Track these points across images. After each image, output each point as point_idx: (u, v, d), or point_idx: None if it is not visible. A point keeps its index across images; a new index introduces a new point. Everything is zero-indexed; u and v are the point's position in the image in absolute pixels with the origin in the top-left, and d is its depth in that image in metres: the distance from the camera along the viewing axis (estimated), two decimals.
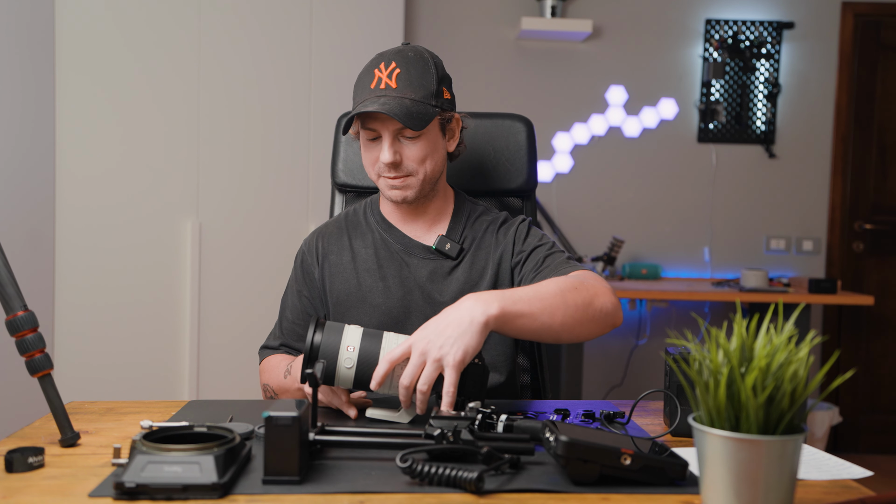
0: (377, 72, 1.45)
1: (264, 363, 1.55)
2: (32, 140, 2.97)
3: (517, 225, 1.55)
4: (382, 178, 1.48)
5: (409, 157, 1.45)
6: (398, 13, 3.25)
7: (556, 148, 3.89)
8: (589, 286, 1.32)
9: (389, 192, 1.49)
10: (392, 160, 1.43)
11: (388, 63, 1.44)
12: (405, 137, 1.44)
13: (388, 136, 1.43)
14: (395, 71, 1.43)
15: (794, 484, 0.83)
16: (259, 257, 3.17)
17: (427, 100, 1.43)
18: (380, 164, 1.45)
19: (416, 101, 1.42)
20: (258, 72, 3.16)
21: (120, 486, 0.89)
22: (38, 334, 1.10)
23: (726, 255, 3.96)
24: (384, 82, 1.43)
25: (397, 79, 1.43)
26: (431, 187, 1.51)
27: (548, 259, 1.47)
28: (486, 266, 1.53)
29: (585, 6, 3.86)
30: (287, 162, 3.19)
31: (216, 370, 3.14)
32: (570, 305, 1.27)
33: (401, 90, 1.42)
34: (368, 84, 1.44)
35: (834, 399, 3.96)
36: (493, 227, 1.56)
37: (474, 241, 1.55)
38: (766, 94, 3.93)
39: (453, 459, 1.02)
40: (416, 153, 1.45)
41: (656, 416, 1.34)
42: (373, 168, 1.48)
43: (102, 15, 3.06)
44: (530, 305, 1.24)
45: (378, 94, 1.42)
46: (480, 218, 1.58)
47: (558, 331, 1.28)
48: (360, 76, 1.49)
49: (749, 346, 0.84)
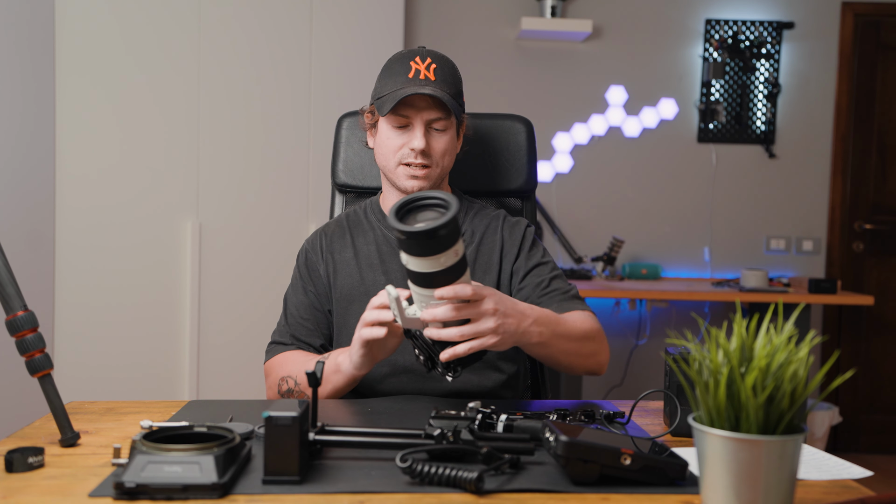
0: (413, 64, 1.49)
1: (279, 357, 1.52)
2: (32, 140, 2.97)
3: (524, 228, 1.59)
4: (403, 166, 1.51)
5: (434, 148, 1.51)
6: (398, 13, 3.25)
7: (556, 148, 3.89)
8: (598, 338, 1.44)
9: (407, 182, 1.51)
10: (424, 147, 1.48)
11: (424, 58, 1.50)
12: (435, 129, 1.50)
13: (420, 125, 1.49)
14: (432, 65, 1.49)
15: (794, 484, 0.83)
16: (259, 257, 3.17)
17: (457, 98, 1.52)
18: (405, 150, 1.50)
19: (451, 94, 1.49)
20: (258, 72, 3.16)
21: (120, 486, 0.89)
22: (38, 334, 1.10)
23: (726, 255, 3.96)
24: (423, 73, 1.48)
25: (435, 72, 1.49)
26: (440, 182, 1.56)
27: (554, 282, 1.52)
28: (490, 260, 1.56)
29: (585, 6, 3.86)
30: (287, 162, 3.19)
31: (216, 370, 3.14)
32: (580, 353, 1.40)
33: (439, 83, 1.48)
34: (405, 74, 1.48)
35: (834, 399, 3.96)
36: (495, 222, 1.59)
37: (475, 234, 1.58)
38: (766, 94, 3.93)
39: (453, 459, 1.02)
40: (441, 146, 1.51)
41: (656, 416, 1.34)
42: (394, 154, 1.51)
43: (102, 15, 3.06)
44: (555, 341, 1.34)
45: (419, 83, 1.47)
46: (480, 213, 1.62)
47: (556, 363, 1.41)
48: (389, 67, 1.52)
49: (749, 346, 0.84)
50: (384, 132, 1.53)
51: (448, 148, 1.52)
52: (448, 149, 1.52)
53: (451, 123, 1.52)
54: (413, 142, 1.48)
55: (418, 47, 1.55)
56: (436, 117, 1.49)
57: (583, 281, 3.60)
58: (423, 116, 1.49)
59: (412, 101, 1.47)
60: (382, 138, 1.53)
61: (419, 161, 1.49)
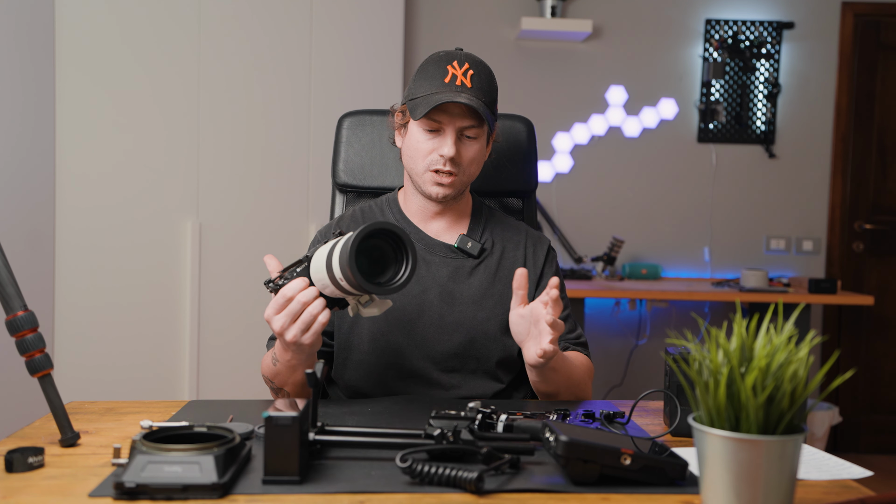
0: (450, 69, 1.47)
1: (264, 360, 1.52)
2: (32, 140, 2.97)
3: (546, 249, 1.61)
4: (430, 172, 1.49)
5: (464, 156, 1.49)
6: (398, 13, 3.25)
7: (556, 148, 3.89)
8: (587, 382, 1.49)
9: (433, 188, 1.50)
10: (454, 155, 1.46)
11: (462, 63, 1.47)
12: (467, 137, 1.48)
13: (452, 132, 1.46)
14: (469, 71, 1.47)
15: (794, 484, 0.83)
16: (259, 258, 3.14)
17: (492, 106, 1.50)
18: (434, 156, 1.48)
19: (486, 103, 1.47)
20: (258, 72, 3.16)
21: (120, 486, 0.89)
22: (38, 334, 1.10)
23: (726, 255, 3.96)
24: (459, 80, 1.46)
25: (472, 79, 1.47)
26: (465, 189, 1.55)
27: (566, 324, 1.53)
28: (512, 275, 1.53)
29: (585, 6, 3.86)
30: (287, 162, 3.19)
31: (216, 370, 3.14)
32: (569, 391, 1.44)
33: (475, 91, 1.46)
34: (441, 78, 1.46)
35: (834, 399, 3.96)
36: (518, 236, 1.60)
37: (495, 243, 1.57)
38: (766, 94, 3.93)
39: (453, 459, 1.02)
40: (471, 154, 1.49)
41: (656, 416, 1.34)
42: (423, 159, 1.49)
43: (102, 15, 3.06)
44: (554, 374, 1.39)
45: (455, 89, 1.45)
46: (501, 222, 1.61)
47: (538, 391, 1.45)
48: (425, 69, 1.50)
49: (749, 346, 0.84)
50: (414, 135, 1.50)
51: (477, 156, 1.50)
52: (477, 157, 1.50)
53: (482, 132, 1.49)
54: (443, 148, 1.46)
55: (455, 49, 1.53)
56: (468, 125, 1.46)
57: (583, 281, 3.60)
58: (455, 124, 1.46)
59: (446, 106, 1.45)
60: (412, 141, 1.50)
61: (447, 168, 1.47)
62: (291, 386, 1.38)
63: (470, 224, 1.58)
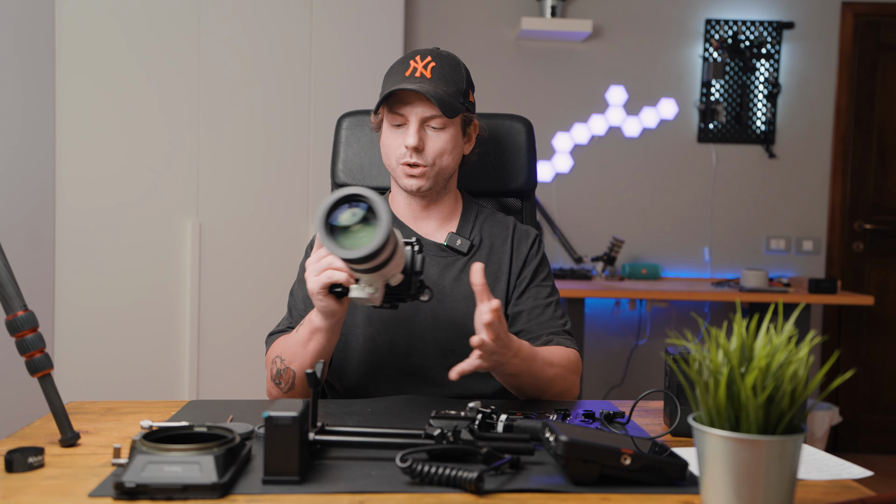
0: (412, 62, 1.49)
1: (273, 346, 1.50)
2: (33, 141, 2.97)
3: (532, 239, 1.59)
4: (402, 166, 1.50)
5: (431, 147, 1.49)
6: (398, 13, 3.25)
7: (556, 148, 3.89)
8: (569, 380, 1.44)
9: (406, 181, 1.51)
10: (416, 144, 1.47)
11: (424, 57, 1.50)
12: (431, 128, 1.49)
13: (415, 122, 1.48)
14: (430, 63, 1.49)
15: (794, 484, 0.83)
16: (259, 258, 3.17)
17: (456, 96, 1.49)
18: (402, 149, 1.49)
19: (448, 93, 1.48)
20: (258, 72, 3.16)
21: (120, 486, 0.89)
22: (38, 334, 1.10)
23: (726, 255, 3.96)
24: (419, 72, 1.48)
25: (432, 71, 1.48)
26: (445, 183, 1.55)
27: (548, 309, 1.52)
28: (500, 270, 1.56)
29: (585, 6, 3.86)
30: (287, 162, 3.19)
31: (216, 370, 3.14)
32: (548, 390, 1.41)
33: (434, 81, 1.47)
34: (403, 72, 1.49)
35: (834, 399, 3.96)
36: (505, 231, 1.60)
37: (483, 240, 1.58)
38: (766, 94, 3.93)
39: (453, 459, 1.02)
40: (438, 145, 1.49)
41: (656, 416, 1.34)
42: (393, 155, 1.51)
43: (103, 15, 3.06)
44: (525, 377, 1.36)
45: (413, 80, 1.47)
46: (490, 219, 1.61)
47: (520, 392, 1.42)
48: (392, 67, 1.53)
49: (749, 346, 0.84)
50: (384, 131, 1.53)
51: (447, 147, 1.50)
52: (447, 148, 1.50)
53: (450, 123, 1.50)
54: (407, 139, 1.48)
55: (432, 48, 1.55)
56: (430, 115, 1.48)
57: (583, 281, 3.60)
58: (416, 114, 1.48)
59: (407, 98, 1.47)
60: (383, 137, 1.54)
61: (413, 160, 1.48)
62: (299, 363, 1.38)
63: (459, 222, 1.59)
